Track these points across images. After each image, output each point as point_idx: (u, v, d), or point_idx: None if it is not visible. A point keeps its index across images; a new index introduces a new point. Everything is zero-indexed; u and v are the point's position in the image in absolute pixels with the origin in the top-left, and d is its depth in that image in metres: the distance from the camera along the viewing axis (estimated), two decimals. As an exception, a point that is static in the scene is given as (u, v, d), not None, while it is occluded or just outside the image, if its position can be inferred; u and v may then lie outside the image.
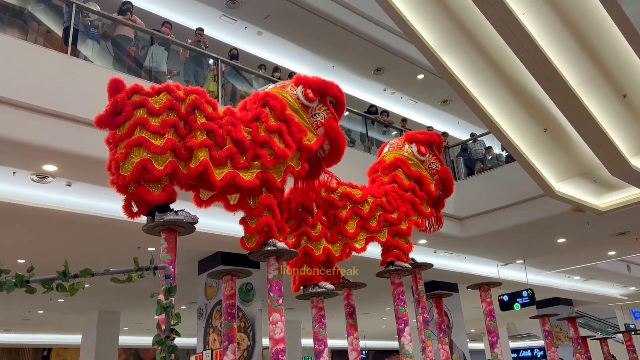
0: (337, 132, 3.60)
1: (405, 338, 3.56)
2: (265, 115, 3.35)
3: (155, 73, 7.55)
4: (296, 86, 3.58)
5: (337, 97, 3.73)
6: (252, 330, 9.03)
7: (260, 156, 3.24)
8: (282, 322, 3.03)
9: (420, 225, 4.21)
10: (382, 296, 11.04)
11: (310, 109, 3.56)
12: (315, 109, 3.58)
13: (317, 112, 3.58)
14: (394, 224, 3.98)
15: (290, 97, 3.50)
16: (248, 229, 3.26)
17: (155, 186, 3.03)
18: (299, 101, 3.52)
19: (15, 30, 6.60)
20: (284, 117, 3.38)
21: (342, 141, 3.62)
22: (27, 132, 5.59)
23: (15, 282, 1.89)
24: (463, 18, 6.54)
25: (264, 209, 3.23)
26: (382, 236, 3.96)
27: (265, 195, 3.26)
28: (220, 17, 10.18)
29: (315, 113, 3.57)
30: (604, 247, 12.22)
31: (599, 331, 20.89)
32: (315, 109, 3.58)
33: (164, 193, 3.03)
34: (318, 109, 3.59)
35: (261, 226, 3.21)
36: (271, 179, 3.26)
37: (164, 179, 3.04)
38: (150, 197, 3.01)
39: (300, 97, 3.52)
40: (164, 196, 3.03)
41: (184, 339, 2.04)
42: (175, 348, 2.13)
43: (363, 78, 12.70)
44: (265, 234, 3.21)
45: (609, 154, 7.12)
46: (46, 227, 7.60)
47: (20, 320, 14.74)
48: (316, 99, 3.57)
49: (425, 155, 4.45)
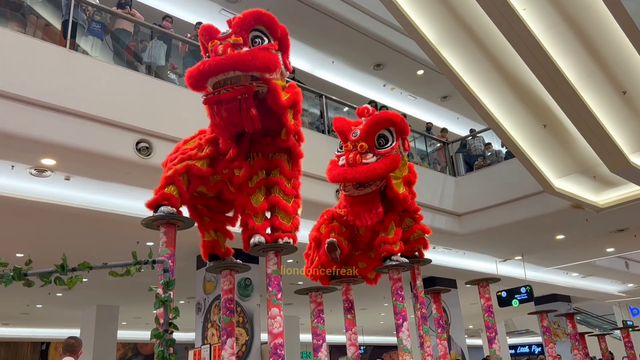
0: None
1: (404, 333, 3.56)
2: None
3: (154, 67, 7.53)
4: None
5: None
6: (250, 325, 9.04)
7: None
8: (280, 317, 3.03)
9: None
10: (380, 291, 11.07)
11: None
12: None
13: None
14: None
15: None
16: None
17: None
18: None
19: (13, 24, 6.58)
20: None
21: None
22: (25, 126, 5.58)
23: (13, 275, 1.89)
24: (463, 13, 6.53)
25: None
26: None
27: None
28: (219, 12, 10.16)
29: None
30: (602, 243, 12.24)
31: (596, 328, 20.96)
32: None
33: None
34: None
35: (243, 225, 3.24)
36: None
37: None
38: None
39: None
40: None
41: (182, 333, 2.04)
42: (173, 342, 2.13)
43: (363, 73, 12.70)
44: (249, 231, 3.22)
45: (609, 151, 7.12)
46: (45, 221, 7.60)
47: (19, 314, 14.76)
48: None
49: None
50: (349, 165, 3.46)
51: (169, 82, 7.51)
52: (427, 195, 9.59)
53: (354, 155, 3.47)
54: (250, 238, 3.13)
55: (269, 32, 3.12)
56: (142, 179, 6.35)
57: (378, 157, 3.49)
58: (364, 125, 3.60)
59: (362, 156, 3.47)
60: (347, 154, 3.52)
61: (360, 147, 3.49)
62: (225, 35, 3.03)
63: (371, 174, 3.44)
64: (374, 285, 4.26)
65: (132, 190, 7.01)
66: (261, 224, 3.14)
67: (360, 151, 3.48)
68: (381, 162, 3.47)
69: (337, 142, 3.84)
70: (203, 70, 2.91)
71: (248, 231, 3.17)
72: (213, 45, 2.96)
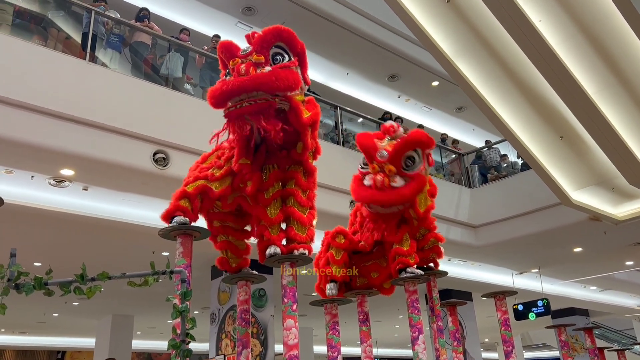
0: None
1: (419, 346, 3.53)
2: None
3: (171, 79, 7.63)
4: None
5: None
6: (264, 336, 9.03)
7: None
8: (296, 328, 3.03)
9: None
10: (395, 304, 10.98)
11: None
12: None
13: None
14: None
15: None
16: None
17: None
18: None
19: (35, 37, 6.73)
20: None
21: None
22: (45, 137, 5.68)
23: (34, 284, 1.91)
24: (478, 25, 6.52)
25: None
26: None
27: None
28: (236, 24, 10.27)
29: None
30: (621, 257, 12.04)
31: (615, 342, 20.55)
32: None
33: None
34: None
35: (259, 236, 3.25)
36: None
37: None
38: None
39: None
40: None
41: (196, 344, 2.04)
42: (190, 352, 2.14)
43: (377, 85, 12.70)
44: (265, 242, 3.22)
45: (627, 162, 7.03)
46: (62, 230, 7.69)
47: (36, 322, 14.89)
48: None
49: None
50: (377, 188, 3.47)
51: (185, 93, 7.60)
52: (442, 206, 9.52)
53: (382, 179, 3.47)
54: (266, 249, 3.15)
55: (289, 49, 3.14)
56: (158, 189, 6.41)
57: (406, 179, 3.50)
58: (392, 148, 3.58)
59: (389, 179, 3.48)
60: (374, 175, 3.52)
61: (389, 171, 3.50)
62: (246, 53, 3.03)
63: (400, 199, 3.49)
64: (389, 295, 4.24)
65: (148, 201, 7.08)
66: (277, 235, 3.16)
67: (388, 174, 3.50)
68: (409, 186, 3.49)
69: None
70: (226, 90, 2.90)
71: (264, 242, 3.19)
72: (235, 64, 2.96)
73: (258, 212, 3.22)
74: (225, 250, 3.55)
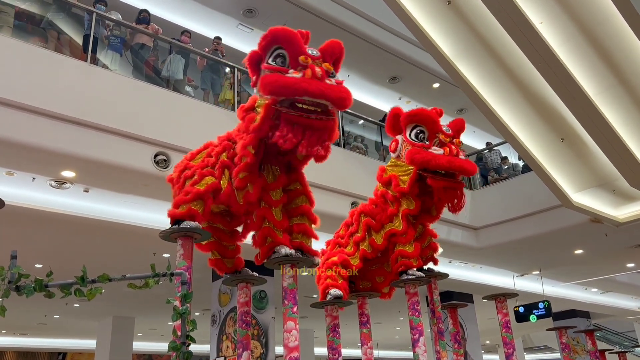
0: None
1: (420, 348, 3.53)
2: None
3: (172, 81, 7.64)
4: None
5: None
6: (265, 338, 9.02)
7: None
8: (296, 330, 3.02)
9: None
10: (395, 306, 10.96)
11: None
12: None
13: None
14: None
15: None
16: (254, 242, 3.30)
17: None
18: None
19: (35, 38, 6.73)
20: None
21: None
22: (46, 139, 5.68)
23: (34, 286, 1.91)
24: (479, 27, 6.52)
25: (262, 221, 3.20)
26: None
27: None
28: (237, 26, 10.28)
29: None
30: (622, 259, 12.02)
31: (617, 345, 20.52)
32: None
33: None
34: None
35: (263, 238, 3.19)
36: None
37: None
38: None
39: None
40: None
41: (197, 345, 2.04)
42: (191, 354, 2.13)
43: (378, 86, 12.71)
44: (270, 244, 3.19)
45: (628, 164, 7.02)
46: (63, 232, 7.70)
47: (36, 324, 14.90)
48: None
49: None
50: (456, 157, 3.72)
51: (186, 95, 7.61)
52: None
53: (456, 150, 3.74)
54: (272, 250, 3.13)
55: (339, 65, 3.19)
56: (159, 191, 6.41)
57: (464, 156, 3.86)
58: (454, 126, 3.94)
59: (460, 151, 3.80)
60: (449, 145, 3.73)
61: (459, 143, 3.84)
62: (316, 57, 2.99)
63: (474, 170, 3.84)
64: (387, 299, 4.24)
65: (149, 203, 7.08)
66: (282, 237, 3.15)
67: (459, 146, 3.82)
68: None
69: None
70: (309, 90, 2.76)
71: (269, 244, 3.15)
72: (307, 62, 2.90)
73: (264, 213, 3.18)
74: (214, 251, 3.55)
